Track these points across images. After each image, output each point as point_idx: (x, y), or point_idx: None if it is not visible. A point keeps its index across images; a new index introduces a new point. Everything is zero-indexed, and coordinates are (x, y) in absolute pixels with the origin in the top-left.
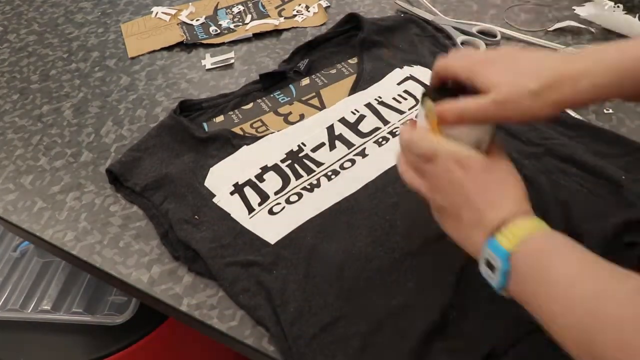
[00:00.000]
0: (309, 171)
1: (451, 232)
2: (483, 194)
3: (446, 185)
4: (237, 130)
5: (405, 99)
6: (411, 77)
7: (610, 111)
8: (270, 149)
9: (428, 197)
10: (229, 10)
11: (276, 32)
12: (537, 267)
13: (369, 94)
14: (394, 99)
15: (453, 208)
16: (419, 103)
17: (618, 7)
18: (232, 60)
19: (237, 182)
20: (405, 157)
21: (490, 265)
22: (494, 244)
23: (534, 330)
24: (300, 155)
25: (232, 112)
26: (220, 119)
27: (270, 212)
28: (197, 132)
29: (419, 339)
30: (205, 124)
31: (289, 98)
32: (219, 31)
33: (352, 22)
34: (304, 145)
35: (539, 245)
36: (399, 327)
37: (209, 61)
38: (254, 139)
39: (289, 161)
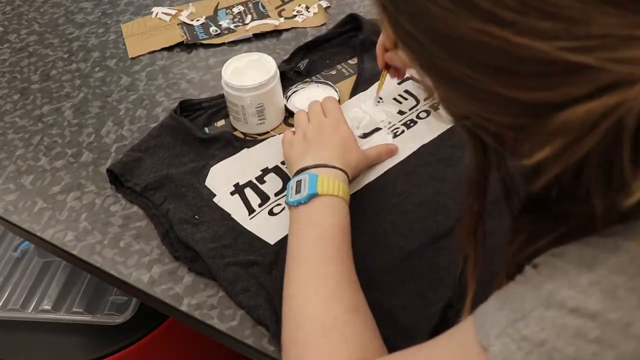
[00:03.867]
0: None
1: (298, 146)
2: (337, 149)
3: (325, 126)
4: (238, 134)
5: (406, 98)
6: (412, 78)
7: None
8: (271, 151)
9: (306, 128)
10: (229, 10)
11: (276, 33)
12: (305, 220)
13: (370, 94)
14: (394, 99)
15: (315, 141)
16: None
17: None
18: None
19: (238, 183)
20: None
21: (298, 185)
22: (313, 178)
23: None
24: None
25: None
26: (221, 123)
27: (271, 213)
28: (198, 132)
29: (419, 339)
30: (206, 129)
31: None
32: (219, 31)
33: (352, 22)
34: None
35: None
36: (398, 327)
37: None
38: (255, 141)
39: None
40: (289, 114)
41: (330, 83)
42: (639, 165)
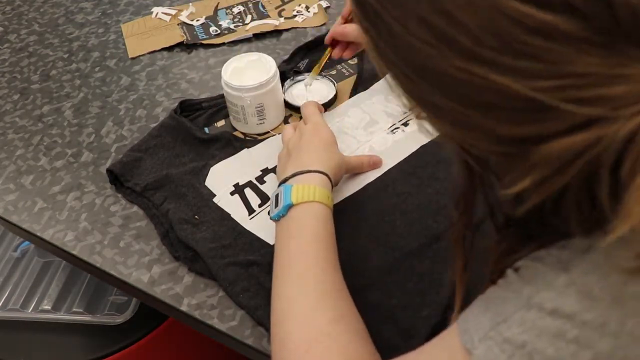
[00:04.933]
0: None
1: (282, 161)
2: (315, 152)
3: (304, 133)
4: (238, 134)
5: None
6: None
7: None
8: (271, 151)
9: (289, 140)
10: (229, 10)
11: (276, 33)
12: (286, 232)
13: (370, 94)
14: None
15: (295, 149)
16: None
17: None
18: None
19: (238, 183)
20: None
21: (277, 199)
22: (287, 189)
23: None
24: None
25: None
26: (221, 123)
27: None
28: (198, 132)
29: (419, 340)
30: (206, 129)
31: None
32: (219, 31)
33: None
34: None
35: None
36: (398, 327)
37: None
38: (255, 141)
39: None
40: (289, 110)
41: (330, 78)
42: (617, 202)
